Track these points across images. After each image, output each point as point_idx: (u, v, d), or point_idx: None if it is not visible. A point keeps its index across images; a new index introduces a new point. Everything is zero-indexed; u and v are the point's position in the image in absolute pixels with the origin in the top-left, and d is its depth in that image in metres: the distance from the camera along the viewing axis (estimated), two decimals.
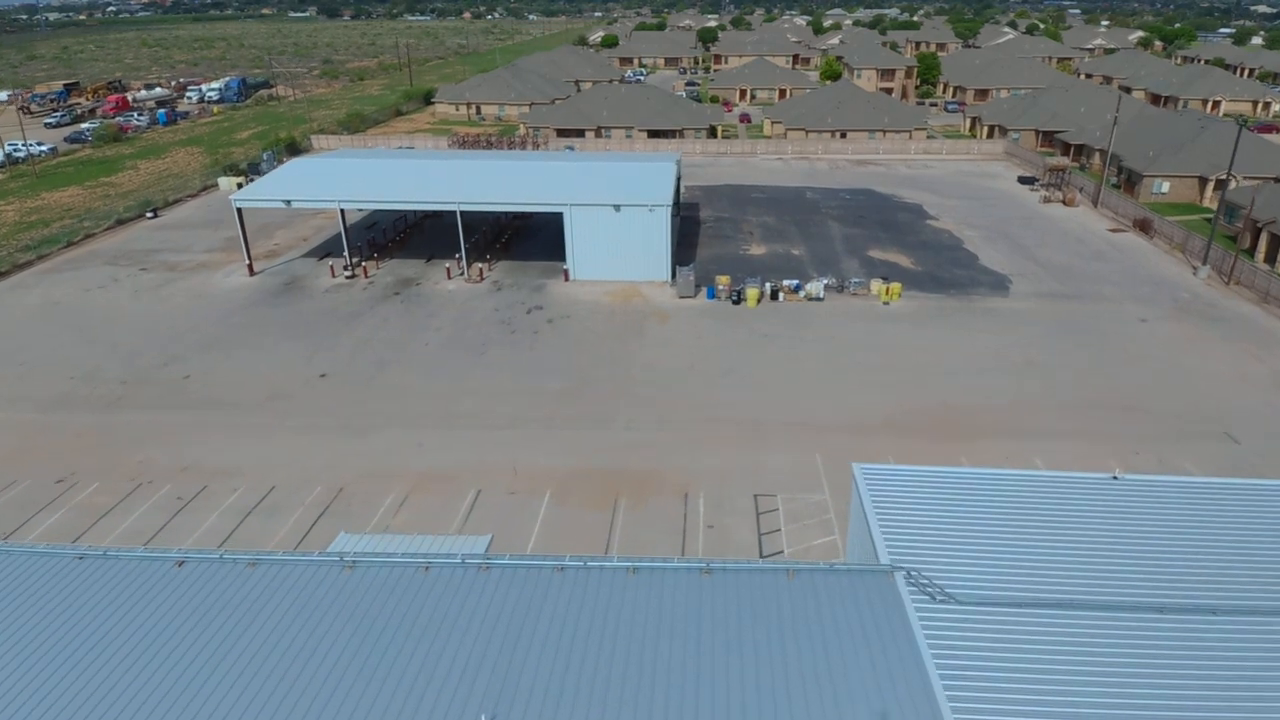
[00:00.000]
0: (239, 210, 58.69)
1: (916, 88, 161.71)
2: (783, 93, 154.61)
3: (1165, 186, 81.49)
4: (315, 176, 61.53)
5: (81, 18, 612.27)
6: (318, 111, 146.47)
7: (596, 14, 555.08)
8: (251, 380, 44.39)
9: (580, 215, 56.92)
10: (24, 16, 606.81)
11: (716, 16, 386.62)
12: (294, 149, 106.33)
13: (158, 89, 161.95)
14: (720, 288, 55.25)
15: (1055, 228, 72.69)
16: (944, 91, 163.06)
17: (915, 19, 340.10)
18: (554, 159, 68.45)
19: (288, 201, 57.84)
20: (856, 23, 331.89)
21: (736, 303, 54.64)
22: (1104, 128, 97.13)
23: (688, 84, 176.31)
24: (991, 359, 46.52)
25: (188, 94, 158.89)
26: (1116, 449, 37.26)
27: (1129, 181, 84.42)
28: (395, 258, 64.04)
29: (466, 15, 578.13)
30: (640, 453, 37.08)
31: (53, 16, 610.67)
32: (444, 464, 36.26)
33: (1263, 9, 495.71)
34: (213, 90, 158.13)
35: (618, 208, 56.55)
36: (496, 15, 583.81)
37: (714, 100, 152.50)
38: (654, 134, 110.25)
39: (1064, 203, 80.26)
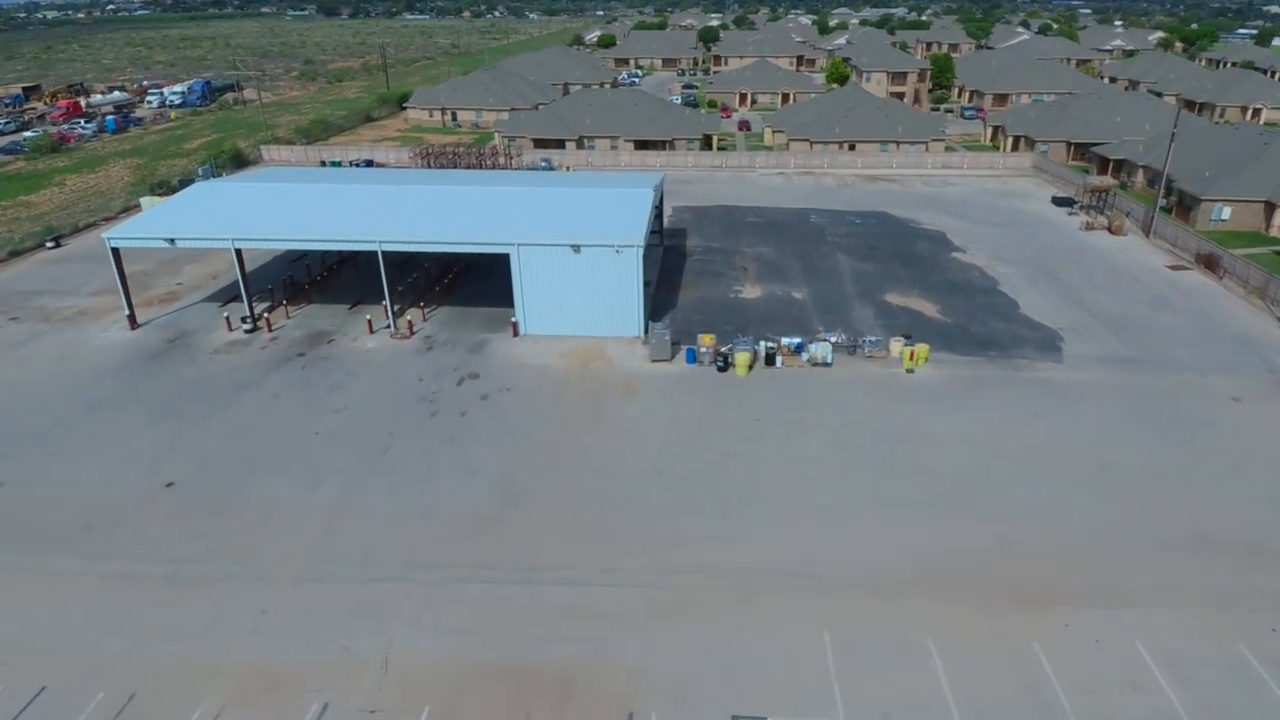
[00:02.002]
0: (115, 251, 47.87)
1: (930, 91, 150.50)
2: (786, 97, 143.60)
3: (1226, 212, 70.35)
4: (212, 207, 50.66)
5: (80, 16, 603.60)
6: (284, 116, 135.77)
7: (598, 13, 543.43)
8: (75, 493, 33.53)
9: (531, 257, 46.06)
10: (23, 15, 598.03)
11: (720, 15, 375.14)
12: (240, 161, 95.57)
13: (116, 93, 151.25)
14: (703, 350, 44.31)
15: (1104, 263, 61.56)
16: (959, 96, 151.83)
17: (924, 18, 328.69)
18: (511, 182, 57.51)
19: (171, 240, 46.97)
20: (863, 22, 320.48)
21: (723, 369, 43.70)
22: (1150, 140, 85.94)
23: (685, 87, 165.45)
24: (1053, 460, 35.48)
25: (148, 98, 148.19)
26: (1248, 623, 26.30)
27: (1182, 205, 73.29)
28: (316, 301, 53.18)
29: (466, 14, 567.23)
30: (573, 629, 26.14)
31: (51, 15, 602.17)
32: (286, 651, 25.34)
33: (1275, 9, 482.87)
34: (175, 94, 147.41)
35: (577, 248, 45.66)
36: (497, 14, 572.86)
37: (711, 105, 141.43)
38: (642, 145, 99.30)
39: (1110, 230, 69.14)
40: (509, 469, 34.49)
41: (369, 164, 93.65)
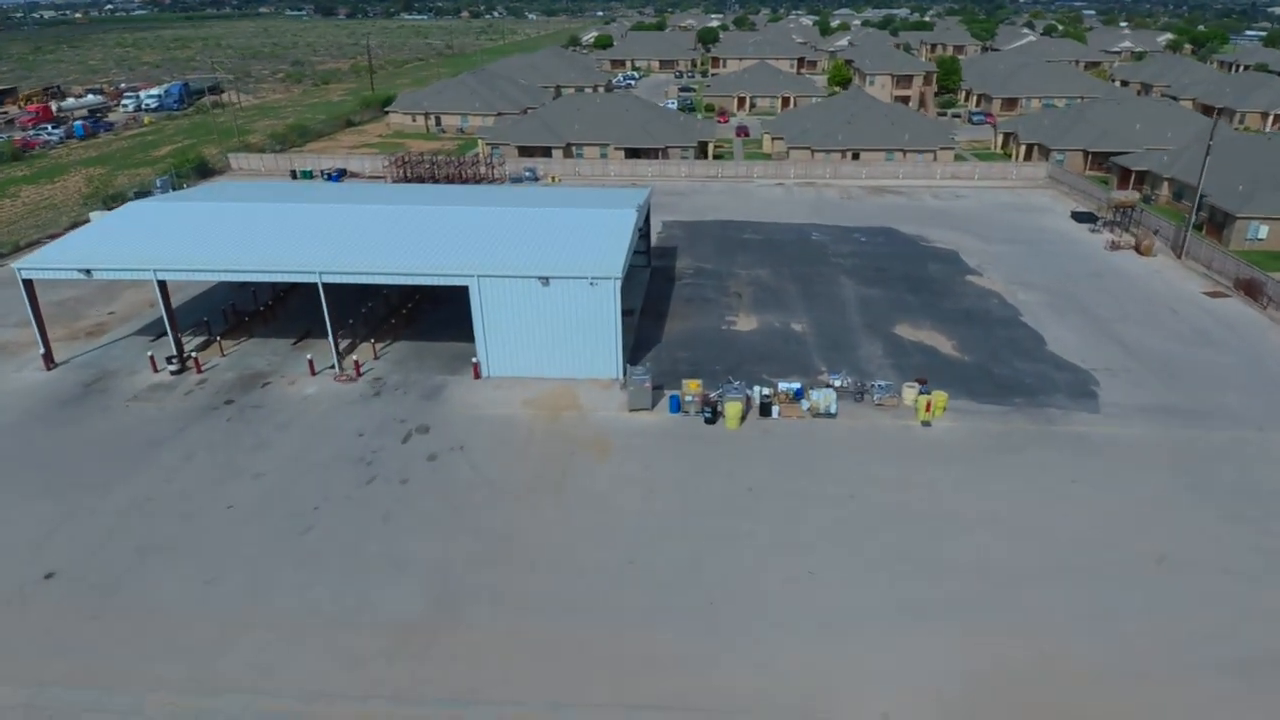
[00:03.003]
0: (27, 284, 42.24)
1: (936, 95, 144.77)
2: (786, 101, 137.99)
3: (1263, 231, 64.64)
4: (139, 232, 44.97)
5: (77, 16, 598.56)
6: (263, 121, 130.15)
7: (598, 13, 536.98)
8: None
9: (494, 290, 40.40)
10: (19, 14, 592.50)
11: (720, 16, 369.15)
12: (204, 171, 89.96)
13: (90, 96, 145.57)
14: (688, 398, 38.64)
15: (1134, 289, 55.86)
16: (966, 100, 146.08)
17: (927, 19, 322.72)
18: (479, 200, 51.80)
19: (87, 271, 41.31)
20: (866, 23, 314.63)
21: (711, 421, 38.01)
22: (1176, 150, 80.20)
23: (682, 89, 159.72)
24: (1098, 548, 29.79)
25: (123, 102, 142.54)
26: None
27: (1213, 222, 67.61)
28: (258, 334, 47.57)
29: (465, 14, 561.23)
30: None
31: (48, 15, 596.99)
32: None
33: (1279, 10, 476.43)
34: (151, 97, 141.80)
35: (545, 280, 40.00)
36: (496, 14, 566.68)
37: (709, 110, 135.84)
38: (633, 153, 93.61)
39: (1137, 250, 63.41)
40: (448, 561, 28.79)
41: (342, 173, 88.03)
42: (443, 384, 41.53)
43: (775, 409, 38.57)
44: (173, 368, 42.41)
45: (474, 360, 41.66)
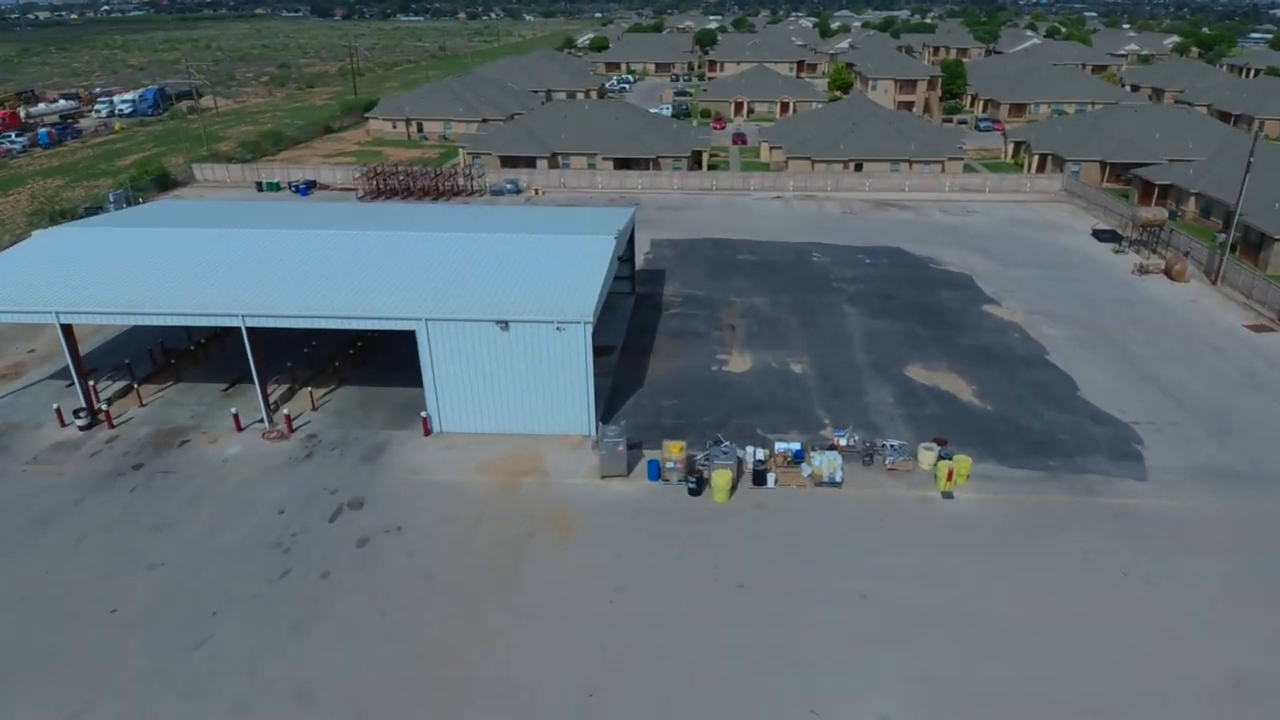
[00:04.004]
0: None
1: (940, 100, 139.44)
2: (785, 106, 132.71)
3: None
4: (48, 265, 39.54)
5: (73, 17, 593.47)
6: (240, 127, 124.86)
7: (597, 15, 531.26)
8: None
9: (445, 335, 34.99)
10: (15, 15, 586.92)
11: (719, 18, 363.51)
12: (166, 182, 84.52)
13: (63, 101, 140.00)
14: (669, 463, 33.22)
15: (1169, 321, 50.47)
16: (972, 105, 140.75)
17: (928, 20, 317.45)
18: (440, 224, 46.36)
19: None
20: (866, 25, 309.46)
21: (695, 492, 32.59)
22: (1204, 164, 74.84)
23: (677, 94, 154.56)
24: (1161, 663, 24.37)
25: (97, 107, 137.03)
26: None
27: (1247, 243, 62.24)
28: (187, 378, 42.16)
29: (462, 16, 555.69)
30: None
31: (43, 16, 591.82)
32: None
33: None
34: (125, 102, 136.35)
35: (505, 324, 34.61)
36: (493, 16, 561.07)
37: (705, 115, 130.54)
38: (622, 164, 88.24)
39: (1169, 275, 58.01)
40: (364, 691, 23.34)
41: (311, 185, 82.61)
42: (387, 442, 36.09)
43: (771, 476, 33.17)
44: (81, 422, 36.98)
45: (423, 414, 36.22)
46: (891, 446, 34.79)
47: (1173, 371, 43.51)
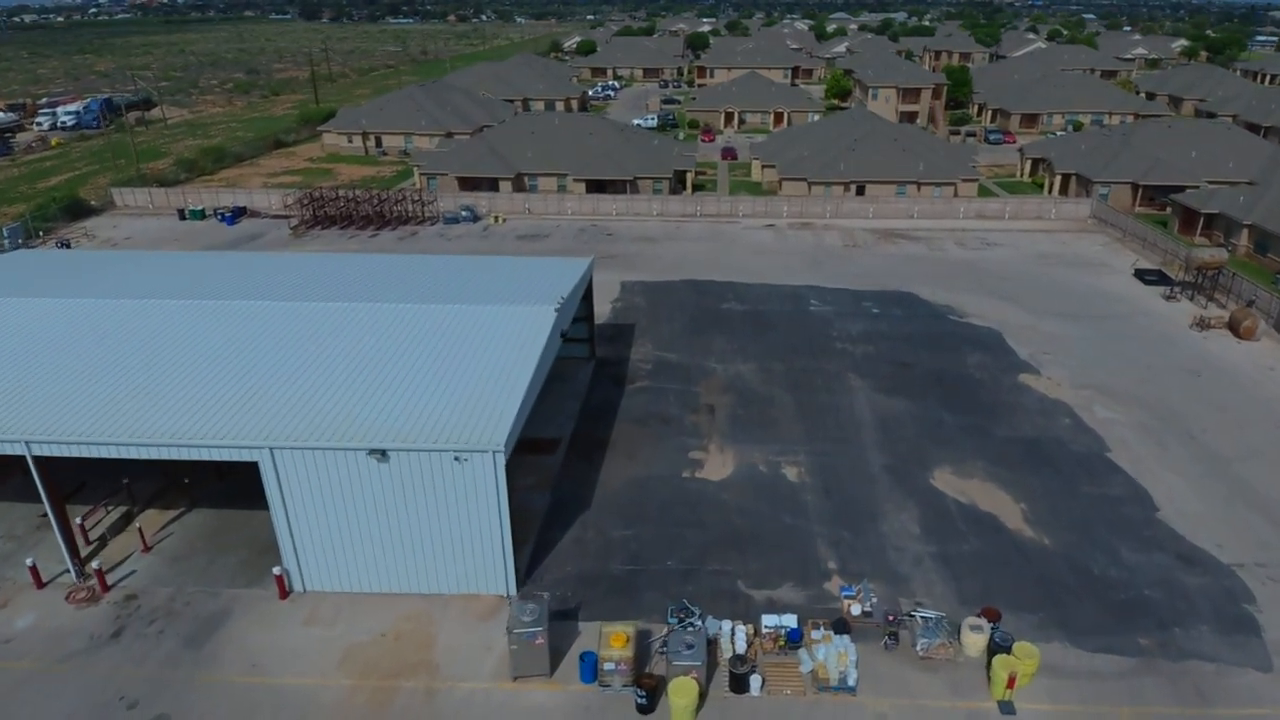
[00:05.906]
0: None
1: (946, 109, 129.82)
2: (779, 116, 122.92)
3: None
4: None
5: (59, 20, 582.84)
6: (187, 140, 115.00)
7: (589, 17, 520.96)
8: None
9: (301, 466, 25.14)
10: (3, 18, 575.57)
11: (713, 21, 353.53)
12: (77, 210, 74.44)
13: (2, 114, 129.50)
14: (609, 663, 23.32)
15: (1248, 398, 40.72)
16: (979, 115, 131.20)
17: (926, 23, 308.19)
18: (319, 288, 36.34)
19: None
20: (863, 27, 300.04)
21: (647, 708, 22.73)
22: (1257, 190, 65.07)
23: (665, 102, 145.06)
24: None
25: (38, 119, 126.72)
26: None
27: None
28: (6, 498, 32.33)
29: (451, 19, 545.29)
30: None
31: (28, 19, 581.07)
32: None
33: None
34: (69, 114, 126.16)
35: (383, 454, 24.79)
36: (483, 19, 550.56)
37: (692, 126, 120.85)
38: (596, 186, 78.48)
39: (1234, 332, 48.37)
40: None
41: (240, 212, 72.67)
42: (228, 609, 26.21)
43: (755, 677, 23.35)
44: None
45: (276, 571, 26.35)
46: (924, 620, 25.04)
47: (1268, 476, 33.81)
